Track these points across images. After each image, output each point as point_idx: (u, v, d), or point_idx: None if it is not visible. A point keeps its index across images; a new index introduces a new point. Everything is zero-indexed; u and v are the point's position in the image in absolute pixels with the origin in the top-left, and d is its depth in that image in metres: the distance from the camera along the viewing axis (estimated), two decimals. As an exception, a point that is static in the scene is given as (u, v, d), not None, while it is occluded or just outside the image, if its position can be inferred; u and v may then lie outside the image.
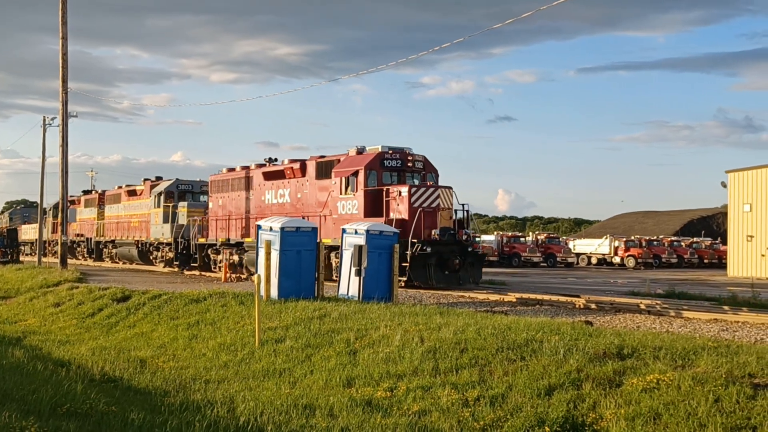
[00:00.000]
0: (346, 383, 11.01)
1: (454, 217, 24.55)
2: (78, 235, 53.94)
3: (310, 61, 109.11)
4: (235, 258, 31.41)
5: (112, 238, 46.66)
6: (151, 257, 41.42)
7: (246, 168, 32.90)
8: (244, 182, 32.55)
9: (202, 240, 34.75)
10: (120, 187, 47.80)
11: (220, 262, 32.62)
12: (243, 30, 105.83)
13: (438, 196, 24.14)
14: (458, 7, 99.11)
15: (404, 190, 24.09)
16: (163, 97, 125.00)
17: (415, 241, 22.83)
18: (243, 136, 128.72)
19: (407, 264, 22.55)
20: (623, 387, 9.05)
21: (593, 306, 18.51)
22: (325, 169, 27.33)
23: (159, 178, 42.90)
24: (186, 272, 36.01)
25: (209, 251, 34.33)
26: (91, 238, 51.00)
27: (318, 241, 19.78)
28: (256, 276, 15.92)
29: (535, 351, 10.71)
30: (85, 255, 52.21)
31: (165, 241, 38.89)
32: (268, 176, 30.92)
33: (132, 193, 45.10)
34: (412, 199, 23.85)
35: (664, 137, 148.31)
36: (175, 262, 37.53)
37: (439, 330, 12.55)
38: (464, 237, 24.35)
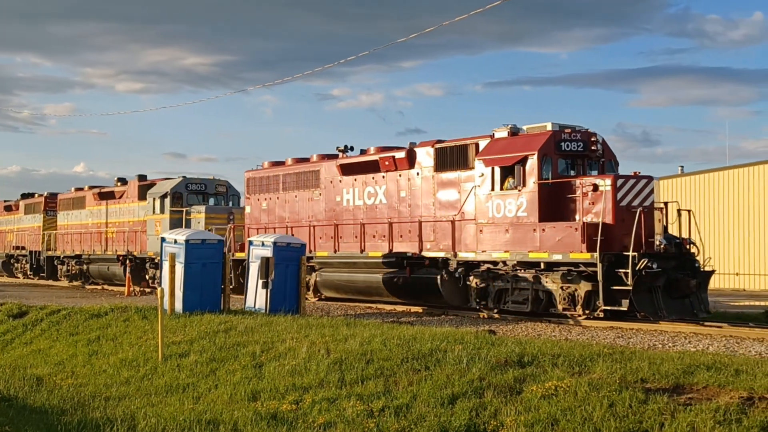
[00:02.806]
0: (252, 397, 10.93)
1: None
2: (17, 247, 45.04)
3: (220, 71, 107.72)
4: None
5: (77, 252, 37.41)
6: (147, 276, 32.30)
7: (304, 160, 25.49)
8: (306, 178, 24.87)
9: (240, 255, 24.54)
10: (80, 189, 39.27)
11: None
12: (150, 39, 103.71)
13: (652, 191, 17.72)
14: (369, 20, 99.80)
15: (605, 182, 17.27)
16: (66, 106, 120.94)
17: (635, 254, 16.23)
18: (150, 146, 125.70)
19: (625, 287, 16.20)
20: (523, 394, 9.30)
21: (496, 315, 18.91)
22: (453, 157, 20.23)
23: (143, 177, 34.67)
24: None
25: None
26: (38, 252, 41.92)
27: (225, 252, 19.51)
28: (159, 289, 15.63)
29: (439, 361, 10.88)
30: (28, 272, 42.82)
31: None
32: (349, 170, 23.35)
33: (107, 196, 36.53)
34: (619, 194, 17.17)
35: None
36: None
37: (345, 341, 12.60)
38: (689, 247, 18.05)
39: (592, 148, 18.60)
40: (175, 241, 18.46)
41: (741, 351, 12.75)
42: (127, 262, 32.27)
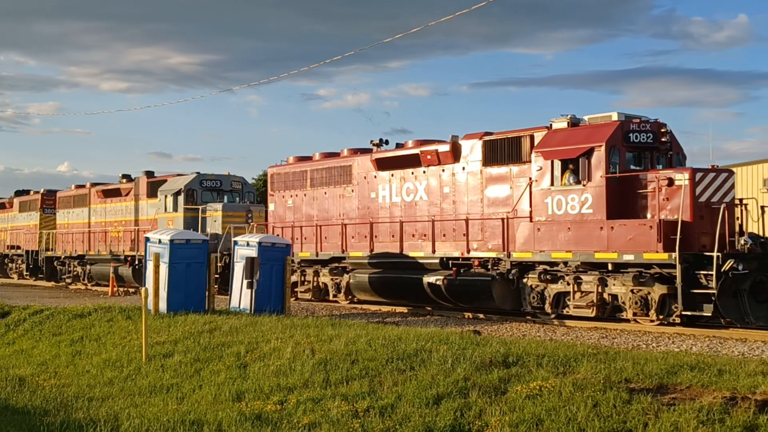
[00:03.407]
0: (236, 397, 10.88)
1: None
2: (11, 247, 43.10)
3: (205, 70, 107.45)
4: (327, 280, 23.03)
5: (79, 252, 35.43)
6: None
7: (333, 155, 23.97)
8: (337, 174, 23.33)
9: None
10: (81, 186, 37.35)
11: (296, 286, 23.49)
12: (135, 38, 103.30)
13: (732, 185, 16.47)
14: (355, 21, 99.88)
15: (683, 176, 15.91)
16: (50, 105, 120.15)
17: (719, 255, 14.91)
18: (135, 146, 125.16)
19: (708, 291, 14.99)
20: (508, 394, 9.32)
21: (482, 315, 18.94)
22: (504, 151, 18.77)
23: (151, 174, 32.96)
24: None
25: None
26: (36, 252, 39.84)
27: (210, 252, 19.43)
28: (143, 289, 15.54)
29: (424, 361, 10.88)
30: (24, 272, 40.86)
31: None
32: (385, 164, 21.81)
33: (111, 194, 34.60)
34: (697, 189, 15.90)
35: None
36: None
37: (330, 342, 12.58)
38: None
39: (662, 139, 17.30)
40: (160, 241, 18.40)
41: (724, 351, 12.83)
42: (112, 263, 31.91)
